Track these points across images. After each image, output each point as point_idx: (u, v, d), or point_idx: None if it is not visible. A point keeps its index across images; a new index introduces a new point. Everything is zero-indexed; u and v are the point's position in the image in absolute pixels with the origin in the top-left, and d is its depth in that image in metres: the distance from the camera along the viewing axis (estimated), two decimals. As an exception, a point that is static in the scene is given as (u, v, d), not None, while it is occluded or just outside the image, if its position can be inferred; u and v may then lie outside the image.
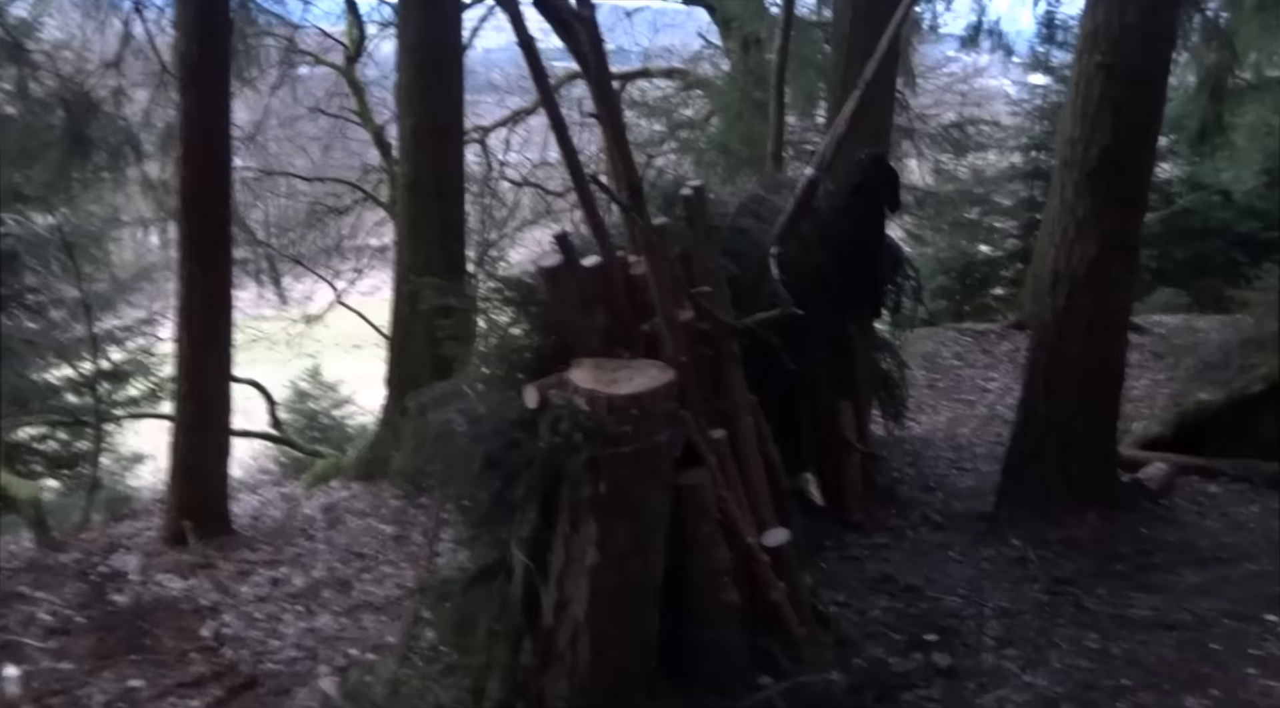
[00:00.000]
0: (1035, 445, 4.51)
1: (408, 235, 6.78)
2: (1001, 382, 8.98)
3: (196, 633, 4.89)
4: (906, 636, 3.73)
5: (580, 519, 2.86)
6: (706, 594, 3.05)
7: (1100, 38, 4.08)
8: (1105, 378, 4.44)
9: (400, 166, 6.76)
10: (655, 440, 2.80)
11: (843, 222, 4.74)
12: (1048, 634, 3.65)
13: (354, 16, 11.20)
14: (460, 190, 6.96)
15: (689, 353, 2.98)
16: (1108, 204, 4.19)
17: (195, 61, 5.32)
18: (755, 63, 9.99)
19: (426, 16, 6.38)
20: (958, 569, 4.38)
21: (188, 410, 6.03)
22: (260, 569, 5.75)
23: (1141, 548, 4.31)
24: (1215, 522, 4.58)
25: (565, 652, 2.96)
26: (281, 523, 6.75)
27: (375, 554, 5.77)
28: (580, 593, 2.89)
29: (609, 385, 2.82)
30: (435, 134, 6.54)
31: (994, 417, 7.65)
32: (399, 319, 7.01)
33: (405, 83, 6.57)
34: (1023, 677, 3.36)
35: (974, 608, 3.95)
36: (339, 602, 5.10)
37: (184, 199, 5.57)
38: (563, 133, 2.90)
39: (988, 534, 4.64)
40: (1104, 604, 3.85)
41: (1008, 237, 16.52)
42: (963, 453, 6.47)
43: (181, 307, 5.81)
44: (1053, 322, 4.40)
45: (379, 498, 6.90)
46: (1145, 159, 4.29)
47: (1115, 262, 4.27)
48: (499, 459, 2.91)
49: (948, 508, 5.20)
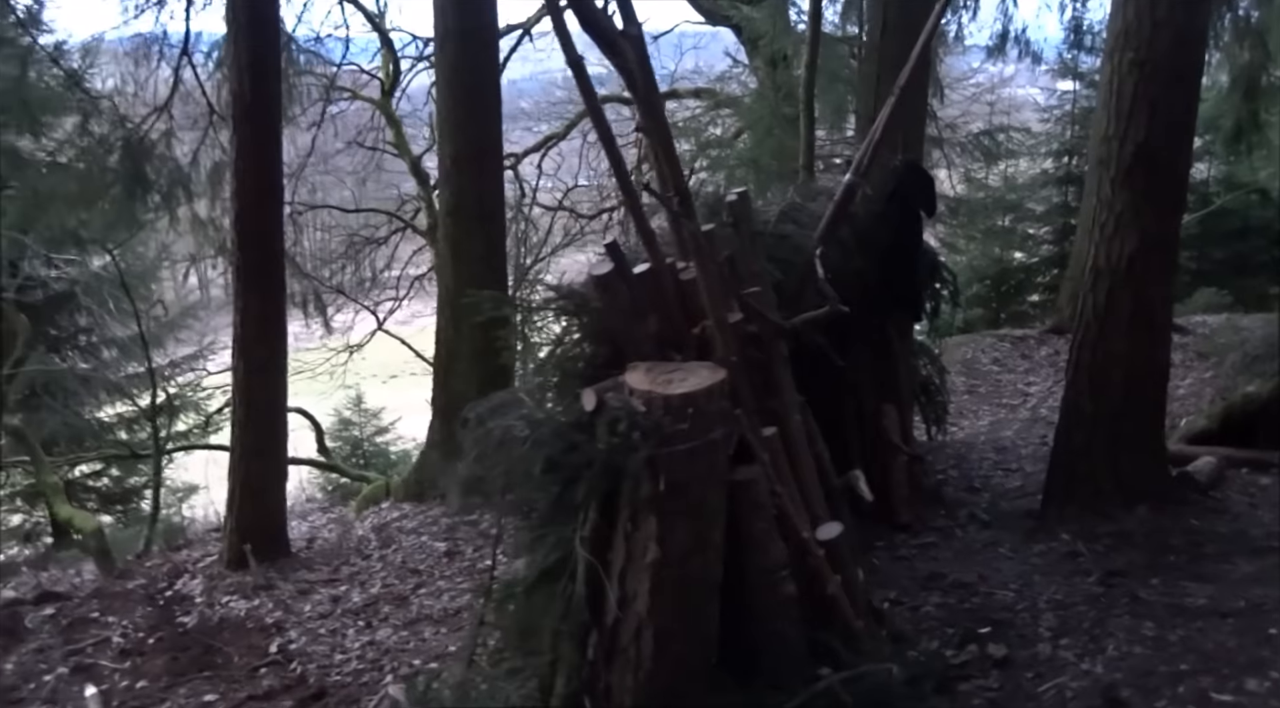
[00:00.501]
0: (1083, 442, 4.53)
1: (449, 259, 6.96)
2: (1042, 386, 8.95)
3: (264, 650, 5.04)
4: (960, 629, 3.78)
5: (640, 517, 2.96)
6: (764, 589, 3.13)
7: (1132, 35, 4.15)
8: (1150, 373, 4.46)
9: (440, 192, 6.95)
10: (711, 438, 2.90)
11: (880, 227, 4.84)
12: (1103, 624, 3.67)
13: (389, 51, 11.51)
14: (501, 212, 7.14)
15: (739, 354, 3.08)
16: (1145, 201, 4.24)
17: (248, 99, 5.54)
18: (783, 79, 10.12)
19: (464, 46, 6.58)
20: (1008, 565, 4.41)
21: (246, 437, 6.21)
22: (320, 588, 5.89)
23: (1193, 540, 4.31)
24: (1267, 512, 4.57)
25: (629, 647, 3.05)
26: (337, 544, 6.90)
27: (429, 570, 5.90)
28: (642, 589, 2.98)
29: (663, 386, 2.93)
30: (475, 159, 6.72)
31: (1036, 420, 7.64)
32: (443, 341, 7.18)
33: (445, 111, 6.78)
34: (1080, 665, 3.40)
35: (1027, 601, 3.99)
36: (398, 616, 5.23)
37: (240, 231, 5.78)
38: (611, 146, 3.03)
39: (1037, 531, 4.67)
40: (1158, 594, 3.87)
41: (1042, 243, 16.47)
42: (1007, 455, 6.48)
43: (238, 335, 6.01)
44: (1094, 319, 4.44)
45: (429, 516, 7.04)
46: (1181, 156, 4.34)
47: (1155, 257, 4.31)
48: (559, 462, 3.02)
49: (995, 507, 5.24)
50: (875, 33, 5.73)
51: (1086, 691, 3.22)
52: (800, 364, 3.61)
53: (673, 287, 3.19)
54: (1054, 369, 9.57)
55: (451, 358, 7.04)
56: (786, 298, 3.73)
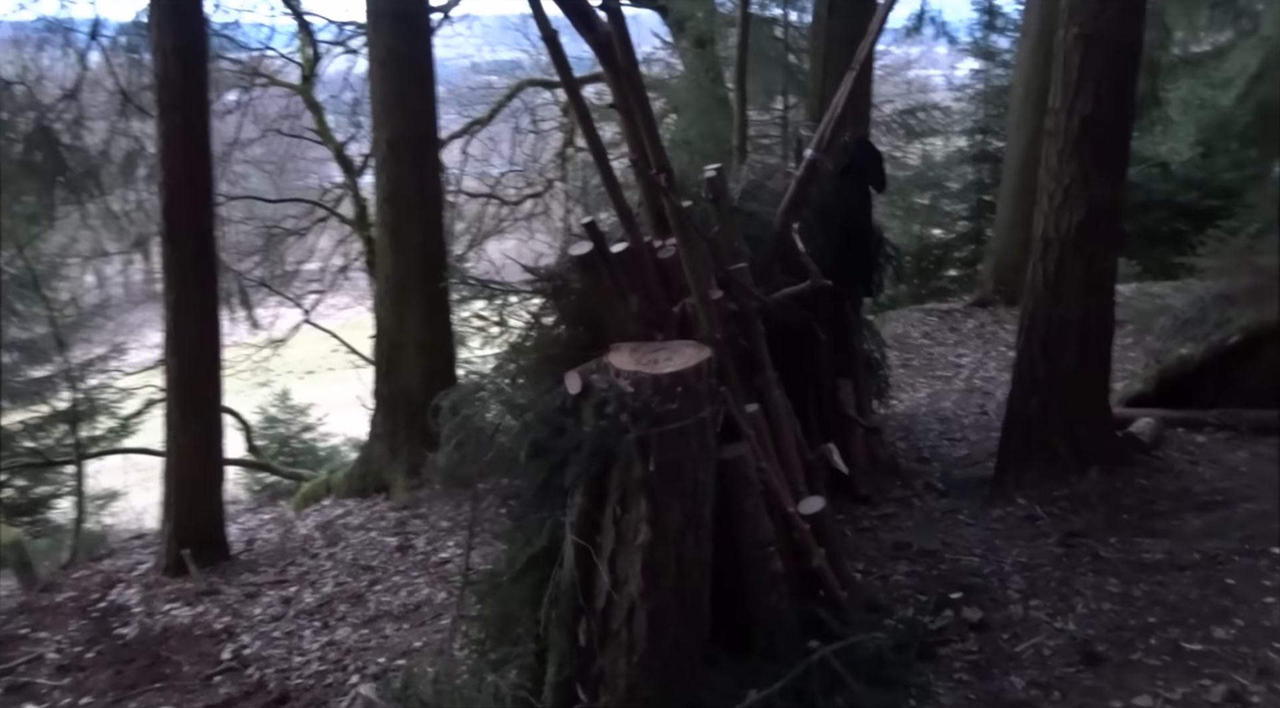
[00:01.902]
0: (1037, 408, 4.65)
1: (388, 247, 6.78)
2: (973, 357, 9.19)
3: (216, 657, 4.85)
4: (933, 596, 3.84)
5: (631, 499, 2.92)
6: (755, 565, 3.12)
7: (1078, 9, 4.25)
8: (1100, 339, 4.60)
9: (377, 179, 6.76)
10: (700, 416, 2.87)
11: (834, 204, 4.87)
12: (1069, 583, 3.78)
13: (308, 36, 11.13)
14: (440, 199, 6.99)
15: (723, 331, 3.06)
16: (1093, 171, 4.36)
17: (176, 85, 5.28)
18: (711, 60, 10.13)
19: (398, 28, 6.40)
20: (970, 531, 4.51)
21: (182, 438, 5.96)
22: (268, 590, 5.71)
23: (1144, 498, 4.48)
24: (1208, 469, 4.77)
25: (621, 630, 3.01)
26: (280, 545, 6.69)
27: (383, 566, 5.76)
28: (634, 571, 2.95)
29: (650, 366, 2.89)
30: (412, 144, 6.55)
31: (972, 390, 7.84)
32: (385, 332, 7.00)
33: (379, 94, 6.58)
34: (1053, 624, 3.49)
35: (993, 565, 4.08)
36: (356, 614, 5.09)
37: (170, 222, 5.52)
38: (588, 123, 2.98)
39: (994, 497, 4.79)
40: (1118, 552, 4.00)
41: (959, 219, 16.89)
42: (950, 425, 6.64)
43: (171, 331, 5.76)
44: (1046, 287, 4.55)
45: (375, 512, 6.87)
46: (1125, 127, 4.47)
47: (1102, 225, 4.44)
48: (546, 446, 2.96)
49: (948, 476, 5.35)
50: (822, 10, 5.77)
51: (1063, 648, 3.30)
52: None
53: (652, 265, 3.15)
54: (982, 341, 9.85)
55: (394, 349, 6.86)
56: (756, 274, 3.72)
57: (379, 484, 7.04)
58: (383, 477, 7.01)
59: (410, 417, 6.92)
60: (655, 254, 3.15)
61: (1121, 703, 2.89)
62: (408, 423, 6.91)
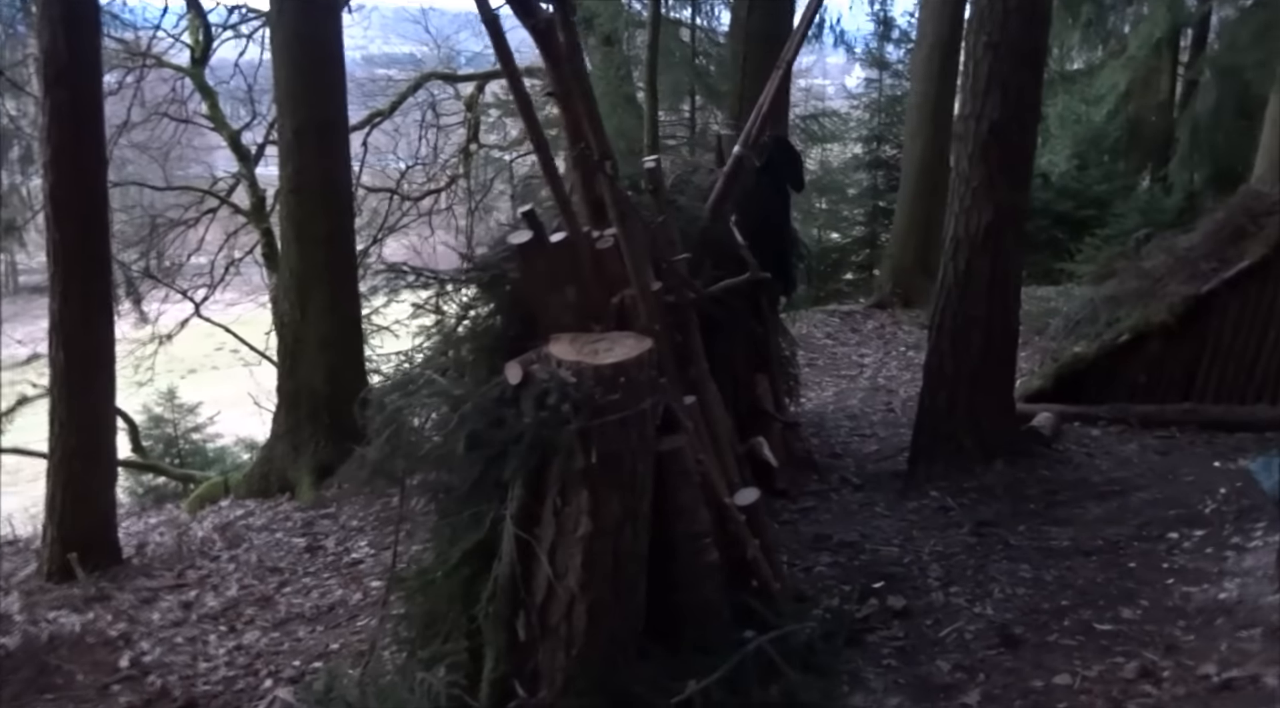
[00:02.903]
0: (946, 403, 4.82)
1: (293, 239, 6.55)
2: (874, 357, 9.45)
3: (113, 665, 4.59)
4: (857, 586, 3.93)
5: (571, 491, 2.89)
6: (690, 557, 3.13)
7: (986, 19, 4.42)
8: (1005, 336, 4.80)
9: (282, 168, 6.51)
10: (642, 407, 2.87)
11: (752, 201, 4.93)
12: (984, 570, 3.92)
13: (199, 17, 10.64)
14: (349, 190, 6.79)
15: (662, 322, 3.06)
16: (999, 174, 4.54)
17: (64, 58, 4.97)
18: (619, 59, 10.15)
19: (305, 10, 6.18)
20: (887, 523, 4.64)
21: (69, 437, 5.62)
22: (166, 595, 5.44)
23: (1047, 488, 4.69)
24: (1103, 460, 5.02)
25: (560, 624, 2.98)
26: (175, 548, 6.38)
27: (292, 567, 5.56)
28: (574, 564, 2.92)
29: (592, 356, 2.87)
30: (320, 131, 6.35)
31: (877, 388, 8.07)
32: (288, 326, 6.76)
33: (284, 80, 6.35)
34: (973, 609, 3.62)
35: (911, 555, 4.20)
36: (265, 618, 4.90)
37: (56, 205, 5.19)
38: (529, 110, 2.94)
39: (907, 490, 4.93)
40: (1026, 540, 4.17)
41: (855, 224, 17.37)
42: (859, 422, 6.81)
43: (57, 323, 5.42)
44: (955, 286, 4.72)
45: (279, 512, 6.63)
46: (1030, 132, 4.67)
47: (1008, 227, 4.63)
48: (484, 438, 2.90)
49: (862, 471, 5.49)
50: (741, 11, 5.83)
51: (984, 632, 3.42)
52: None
53: (589, 255, 3.12)
54: (882, 341, 10.14)
55: (298, 344, 6.64)
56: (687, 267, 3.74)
57: (282, 484, 6.81)
58: (286, 476, 6.78)
59: (314, 414, 6.72)
60: (593, 244, 3.13)
61: (1042, 682, 3.01)
62: (312, 420, 6.71)
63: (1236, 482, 4.42)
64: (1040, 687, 2.99)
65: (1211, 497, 4.32)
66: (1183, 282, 5.29)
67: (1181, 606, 3.37)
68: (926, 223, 11.28)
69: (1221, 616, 3.21)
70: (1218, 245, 5.24)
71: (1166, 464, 4.86)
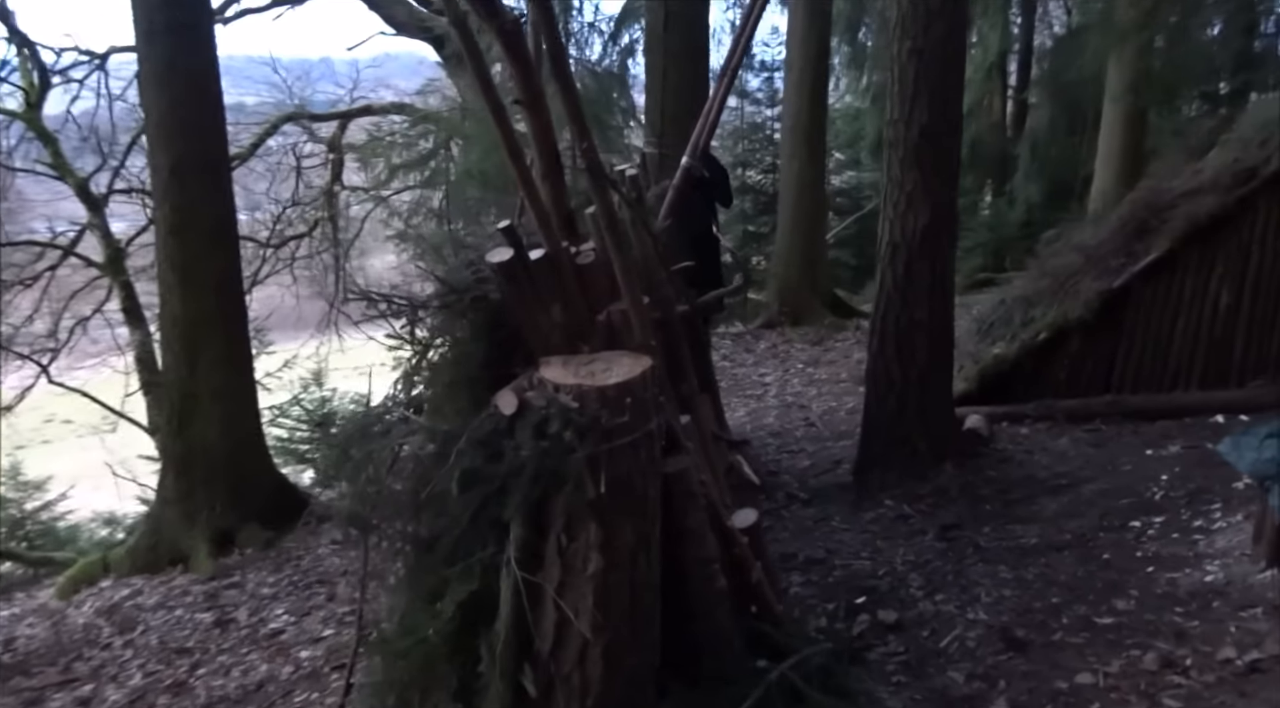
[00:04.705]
0: (895, 408, 4.80)
1: (176, 285, 5.99)
2: (775, 374, 9.49)
3: (8, 781, 3.99)
4: (840, 603, 3.82)
5: (577, 525, 2.66)
6: (702, 584, 2.94)
7: (909, 24, 4.47)
8: (945, 337, 4.84)
9: (159, 210, 5.96)
10: (648, 428, 2.67)
11: (689, 216, 4.83)
12: (964, 575, 3.88)
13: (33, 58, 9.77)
14: (234, 230, 6.29)
15: (658, 339, 2.87)
16: (932, 177, 4.58)
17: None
18: (498, 91, 9.87)
19: (177, 41, 5.72)
20: (849, 536, 4.56)
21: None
22: (54, 694, 4.80)
23: (999, 488, 4.72)
24: (1042, 457, 5.11)
25: (573, 673, 2.73)
26: (53, 640, 5.68)
27: (202, 646, 5.01)
28: (585, 605, 2.68)
29: (590, 378, 2.66)
30: (202, 168, 5.86)
31: (788, 405, 8.07)
32: (174, 383, 6.18)
33: (158, 115, 5.83)
34: (966, 615, 3.55)
35: (885, 566, 4.13)
36: (182, 706, 4.37)
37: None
38: (501, 115, 2.73)
39: (860, 500, 4.88)
40: (995, 540, 4.17)
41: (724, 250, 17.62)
42: (783, 439, 6.76)
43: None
44: (895, 290, 4.72)
45: (174, 587, 6.00)
46: (956, 134, 4.75)
47: (943, 228, 4.68)
48: (481, 474, 2.64)
49: (805, 485, 5.42)
50: (657, 26, 5.75)
51: (985, 637, 3.36)
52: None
53: (571, 272, 2.91)
54: (778, 360, 10.21)
55: (186, 401, 6.07)
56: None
57: (174, 555, 6.18)
58: (178, 546, 6.16)
59: (210, 475, 6.16)
60: (574, 260, 2.92)
61: (1065, 683, 2.95)
62: (208, 482, 6.14)
63: (1175, 467, 4.57)
64: (1065, 688, 2.93)
65: (1156, 484, 4.44)
66: (1095, 278, 5.49)
67: (1172, 592, 3.40)
68: (809, 241, 11.55)
69: (1216, 598, 3.25)
70: (1125, 240, 5.47)
71: (1103, 456, 4.98)
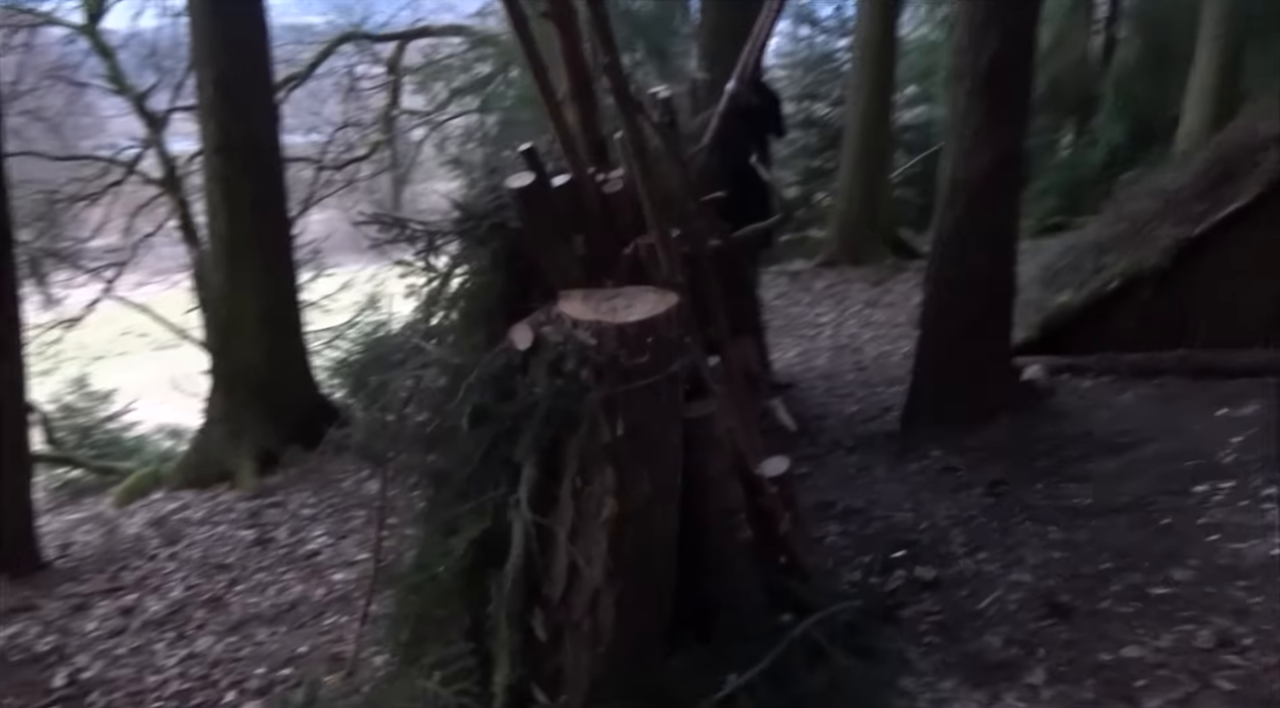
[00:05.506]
0: (947, 356, 4.58)
1: (220, 202, 5.97)
2: (831, 316, 9.25)
3: (45, 685, 4.08)
4: (877, 556, 3.67)
5: (593, 469, 2.53)
6: (722, 535, 2.81)
7: (986, -53, 4.13)
8: (1004, 285, 4.57)
9: (203, 126, 5.91)
10: (670, 371, 2.51)
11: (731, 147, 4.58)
12: (1010, 534, 3.69)
13: (93, -30, 9.76)
14: (278, 149, 6.21)
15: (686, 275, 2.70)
16: (999, 112, 4.27)
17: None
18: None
19: (222, -47, 5.59)
20: (891, 487, 4.39)
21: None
22: (100, 601, 4.91)
23: (1054, 444, 4.48)
24: (1103, 413, 4.84)
25: (583, 620, 2.63)
26: (105, 547, 5.82)
27: (241, 563, 5.07)
28: (598, 551, 2.57)
29: (611, 315, 2.50)
30: (244, 83, 5.77)
31: (841, 347, 7.86)
32: (220, 301, 6.19)
33: (203, 29, 5.74)
34: (1008, 576, 3.38)
35: (927, 520, 3.96)
36: (218, 621, 4.43)
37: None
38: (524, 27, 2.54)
39: (905, 450, 4.69)
40: (1046, 499, 3.95)
41: (787, 185, 17.16)
42: (833, 382, 6.57)
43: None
44: (954, 234, 4.46)
45: (220, 503, 6.10)
46: (1030, 66, 4.40)
47: (1009, 169, 4.38)
48: (492, 412, 2.52)
49: (850, 432, 5.24)
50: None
51: (1028, 601, 3.18)
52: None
53: (596, 200, 2.74)
54: (835, 300, 9.94)
55: (232, 321, 6.08)
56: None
57: (220, 473, 6.27)
58: (225, 464, 6.25)
59: (254, 395, 6.20)
60: (600, 188, 2.75)
61: (1110, 655, 2.77)
62: (251, 402, 6.18)
63: (1249, 429, 4.27)
64: (1109, 661, 2.75)
65: (1226, 446, 4.15)
66: (1173, 224, 5.12)
67: (1234, 564, 3.16)
68: (873, 178, 11.12)
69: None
70: (1208, 186, 5.07)
71: (1169, 414, 4.69)
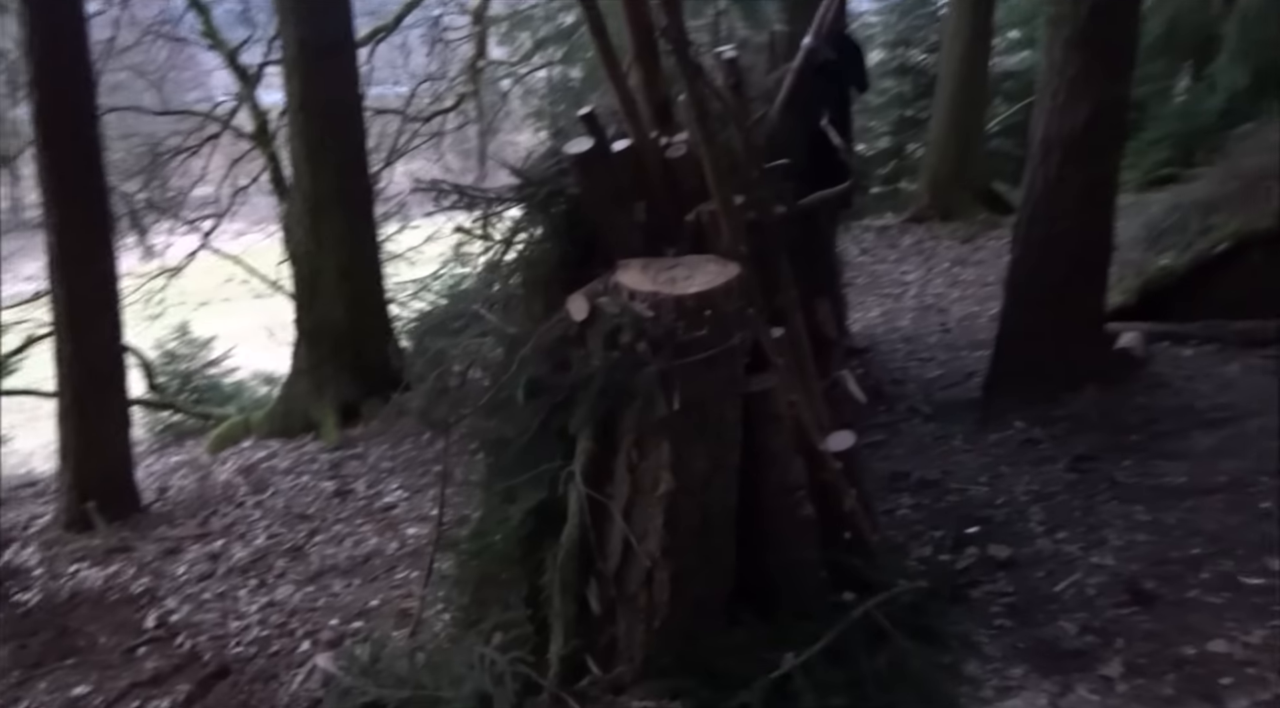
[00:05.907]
0: (1031, 323, 4.37)
1: (304, 159, 6.06)
2: (917, 274, 8.95)
3: (137, 625, 4.30)
4: (949, 532, 3.54)
5: (649, 443, 2.49)
6: (783, 512, 2.74)
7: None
8: (1098, 249, 4.31)
9: (288, 83, 5.98)
10: (730, 344, 2.44)
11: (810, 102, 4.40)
12: (1094, 513, 3.52)
13: (187, -75, 9.92)
14: (359, 108, 6.25)
15: (747, 243, 2.60)
16: (1099, 63, 3.99)
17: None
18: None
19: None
20: (968, 458, 4.24)
21: (77, 376, 5.25)
22: (191, 545, 5.13)
23: (1146, 417, 4.24)
24: (1204, 385, 4.56)
25: (639, 593, 2.61)
26: (198, 493, 6.08)
27: (321, 514, 5.23)
28: (654, 525, 2.54)
29: (669, 286, 2.43)
30: (327, 43, 5.80)
31: (926, 308, 7.60)
32: (303, 257, 6.31)
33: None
34: (1089, 559, 3.22)
35: (1004, 495, 3.81)
36: (297, 570, 4.58)
37: (44, 127, 4.72)
38: (586, -12, 2.44)
39: (986, 419, 4.52)
40: (1135, 476, 3.75)
41: (879, 135, 16.60)
42: (915, 345, 6.36)
43: (55, 256, 5.00)
44: (1045, 194, 4.22)
45: (304, 453, 6.29)
46: (1135, 14, 4.10)
47: (1107, 125, 4.10)
48: (546, 384, 2.49)
49: (930, 399, 5.08)
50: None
51: (1108, 586, 3.03)
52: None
53: (658, 166, 2.66)
54: (923, 258, 9.61)
55: (315, 276, 6.21)
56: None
57: (305, 423, 6.45)
58: (309, 415, 6.42)
59: (336, 349, 6.33)
60: (662, 153, 2.66)
61: (1194, 649, 2.62)
62: (334, 356, 6.32)
63: (1367, 406, 3.97)
64: (1193, 655, 2.60)
65: (1339, 424, 3.88)
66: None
67: (1337, 554, 2.96)
68: (966, 129, 10.66)
69: (1396, 568, 2.81)
70: (1332, 140, 4.70)
71: (1276, 388, 4.40)
